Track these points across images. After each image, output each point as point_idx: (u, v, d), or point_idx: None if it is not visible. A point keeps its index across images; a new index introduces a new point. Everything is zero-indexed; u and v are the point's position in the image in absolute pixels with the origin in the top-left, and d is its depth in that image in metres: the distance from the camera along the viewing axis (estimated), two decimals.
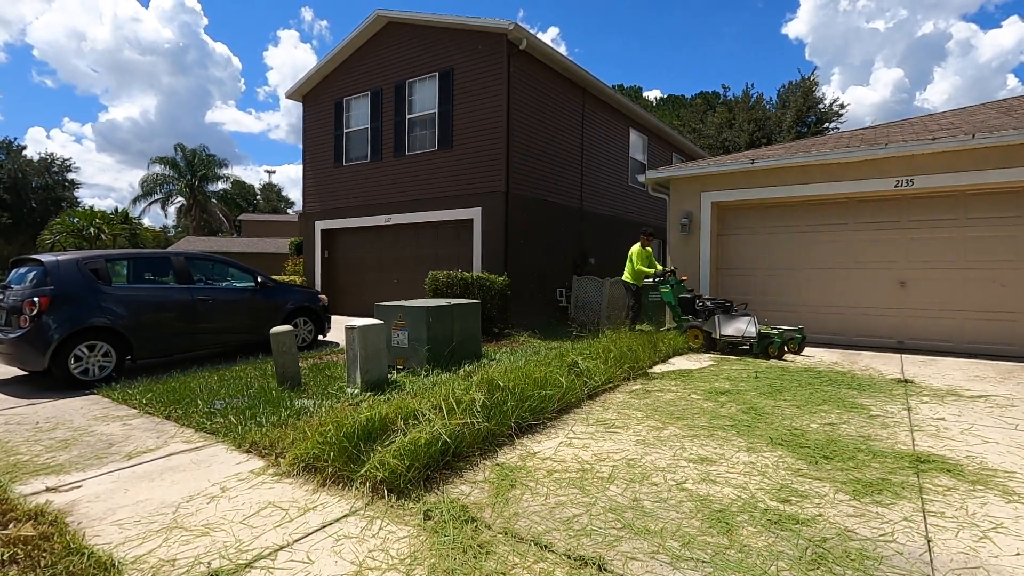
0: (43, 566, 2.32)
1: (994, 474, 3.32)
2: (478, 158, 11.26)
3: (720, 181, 9.16)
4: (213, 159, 38.60)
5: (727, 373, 6.27)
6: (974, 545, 2.53)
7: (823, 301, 8.68)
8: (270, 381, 5.76)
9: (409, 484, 3.10)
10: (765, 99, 33.67)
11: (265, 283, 7.96)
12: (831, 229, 8.60)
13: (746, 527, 2.68)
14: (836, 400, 5.05)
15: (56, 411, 4.98)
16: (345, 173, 13.71)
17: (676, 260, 9.55)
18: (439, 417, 3.72)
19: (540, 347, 8.07)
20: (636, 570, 2.33)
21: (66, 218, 31.27)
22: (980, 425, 4.31)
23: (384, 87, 12.77)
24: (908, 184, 7.68)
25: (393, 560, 2.42)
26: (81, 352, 6.03)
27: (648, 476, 3.32)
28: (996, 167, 7.12)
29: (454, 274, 9.34)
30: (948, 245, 7.78)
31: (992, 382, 5.83)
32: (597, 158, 14.07)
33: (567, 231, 12.91)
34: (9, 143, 43.16)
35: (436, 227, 12.25)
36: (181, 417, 4.59)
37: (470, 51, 11.28)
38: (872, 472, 3.36)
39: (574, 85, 12.95)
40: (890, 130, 9.34)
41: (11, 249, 39.56)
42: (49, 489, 3.21)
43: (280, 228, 35.71)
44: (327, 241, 14.40)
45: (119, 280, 6.78)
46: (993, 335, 7.48)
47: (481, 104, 11.16)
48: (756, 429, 4.18)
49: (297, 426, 3.97)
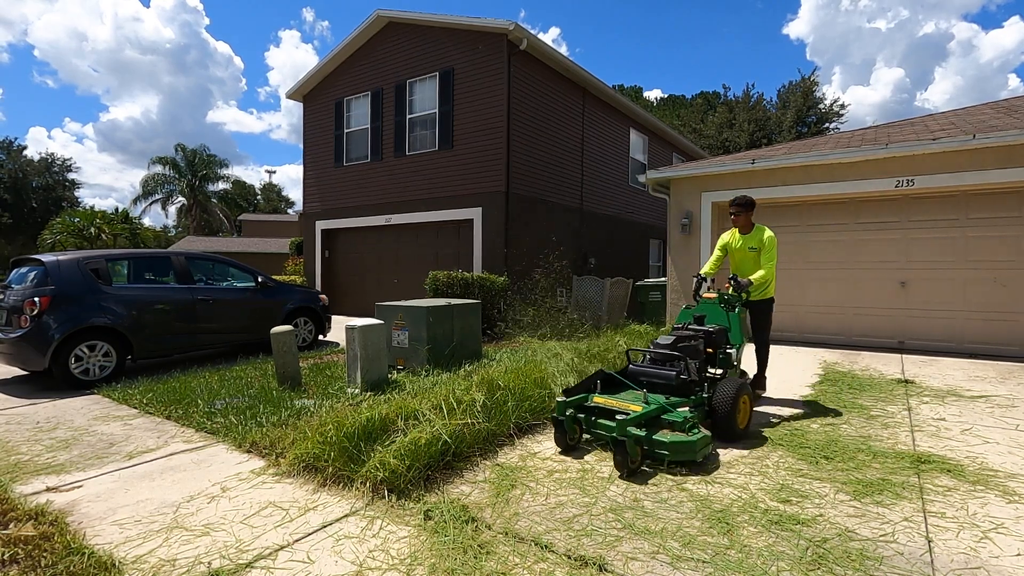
0: (43, 566, 2.32)
1: (995, 474, 3.32)
2: (478, 158, 11.26)
3: (720, 181, 9.16)
4: (214, 159, 38.64)
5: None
6: (975, 545, 2.53)
7: (823, 301, 8.67)
8: (270, 381, 5.76)
9: (409, 484, 3.10)
10: (765, 99, 33.71)
11: (265, 283, 7.97)
12: (831, 229, 8.59)
13: (746, 527, 2.68)
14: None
15: (57, 411, 4.98)
16: (346, 173, 13.71)
17: (676, 260, 9.55)
18: (439, 417, 3.72)
19: (540, 347, 8.07)
20: (637, 570, 2.33)
21: (66, 218, 31.27)
22: (981, 425, 4.31)
23: (384, 87, 12.77)
24: (909, 184, 7.67)
25: (393, 560, 2.42)
26: (81, 352, 6.04)
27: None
28: (997, 167, 7.11)
29: (454, 274, 9.34)
30: (949, 245, 7.77)
31: (992, 382, 5.82)
32: (597, 158, 14.07)
33: (567, 231, 12.91)
34: (10, 143, 43.18)
35: (436, 227, 12.25)
36: (181, 417, 4.60)
37: (470, 51, 11.28)
38: (872, 472, 3.35)
39: (575, 85, 12.95)
40: (891, 130, 9.34)
41: (11, 249, 39.60)
42: (49, 489, 3.21)
43: (280, 228, 35.71)
44: (327, 241, 14.40)
45: (119, 280, 6.78)
46: (994, 335, 7.47)
47: (481, 104, 11.16)
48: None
49: (297, 426, 3.96)
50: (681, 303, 9.30)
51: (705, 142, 32.56)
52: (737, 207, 5.05)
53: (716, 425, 3.83)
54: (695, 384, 4.02)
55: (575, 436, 3.78)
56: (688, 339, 4.22)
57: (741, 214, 5.04)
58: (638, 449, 3.34)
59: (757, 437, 4.01)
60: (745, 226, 5.08)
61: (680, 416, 3.55)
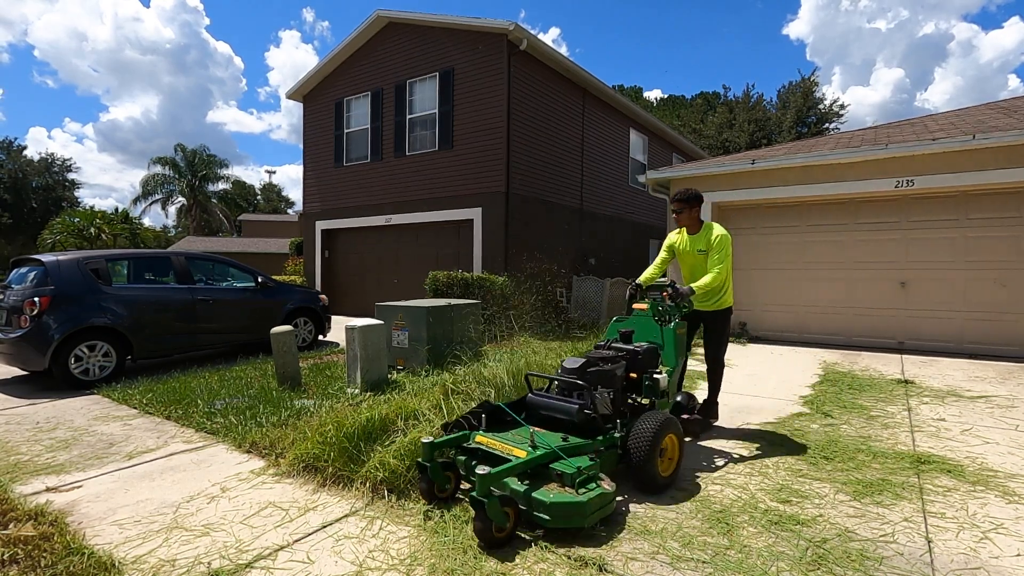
0: (43, 566, 2.32)
1: (995, 475, 3.32)
2: (478, 158, 11.26)
3: (720, 181, 9.16)
4: (213, 159, 38.63)
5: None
6: (974, 546, 2.53)
7: (823, 301, 8.67)
8: (270, 381, 5.76)
9: (409, 484, 3.09)
10: (765, 99, 33.71)
11: (265, 283, 7.97)
12: (831, 229, 8.59)
13: (746, 527, 2.68)
14: None
15: (56, 411, 4.98)
16: (346, 173, 13.71)
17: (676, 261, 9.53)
18: (439, 417, 3.72)
19: (540, 347, 8.06)
20: (636, 570, 2.33)
21: (66, 218, 31.26)
22: (980, 426, 4.31)
23: (384, 87, 12.77)
24: (909, 184, 7.67)
25: (393, 560, 2.42)
26: (81, 352, 6.04)
27: None
28: (997, 167, 7.11)
29: (454, 274, 9.34)
30: (948, 245, 7.77)
31: (992, 383, 5.82)
32: (597, 158, 14.07)
33: (567, 231, 12.91)
34: (10, 143, 43.17)
35: (436, 227, 12.25)
36: (181, 417, 4.60)
37: (470, 51, 11.28)
38: (872, 473, 3.35)
39: (575, 85, 12.95)
40: (891, 130, 9.34)
41: (11, 249, 39.58)
42: (49, 489, 3.21)
43: (280, 228, 35.72)
44: (327, 241, 14.40)
45: (119, 280, 6.78)
46: (993, 335, 7.47)
47: (481, 104, 11.16)
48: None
49: (297, 426, 3.96)
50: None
51: (705, 142, 32.56)
52: (678, 203, 4.16)
53: (631, 473, 3.01)
54: (607, 420, 3.15)
55: (447, 487, 2.93)
56: (604, 361, 3.34)
57: (684, 211, 4.16)
58: (507, 513, 2.50)
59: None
60: (691, 225, 4.21)
61: (571, 466, 2.68)
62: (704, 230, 4.14)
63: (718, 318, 4.21)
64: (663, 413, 3.13)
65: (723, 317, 4.22)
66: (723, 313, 4.21)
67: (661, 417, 3.04)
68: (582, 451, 2.89)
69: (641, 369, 3.48)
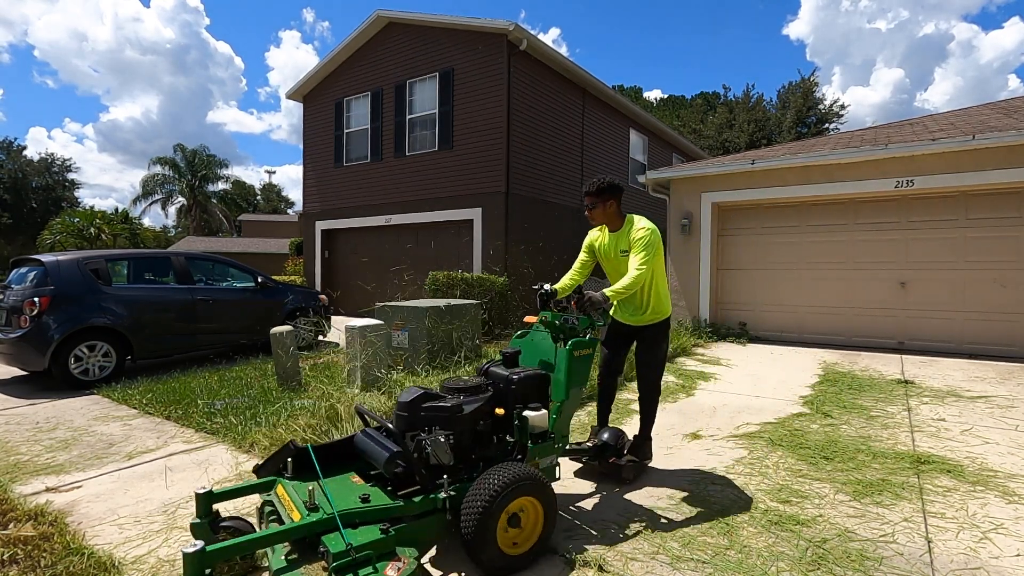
0: (43, 566, 2.32)
1: (994, 475, 3.32)
2: (478, 158, 11.26)
3: (720, 182, 9.16)
4: (213, 159, 38.62)
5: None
6: (974, 546, 2.53)
7: (822, 301, 8.67)
8: (270, 381, 5.76)
9: None
10: (765, 100, 33.72)
11: (265, 283, 7.97)
12: (831, 229, 8.59)
13: (746, 527, 2.68)
14: None
15: (56, 411, 4.98)
16: (345, 173, 13.72)
17: (676, 261, 9.55)
18: None
19: None
20: (636, 570, 2.33)
21: (66, 218, 31.28)
22: (980, 426, 4.31)
23: (384, 87, 12.77)
24: (908, 184, 7.68)
25: None
26: (81, 352, 6.03)
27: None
28: (996, 168, 7.12)
29: (454, 274, 9.34)
30: (948, 245, 7.77)
31: (992, 383, 5.82)
32: (597, 158, 14.07)
33: (567, 231, 12.90)
34: (10, 143, 43.17)
35: (436, 227, 12.25)
36: (181, 417, 4.59)
37: (470, 51, 11.28)
38: (872, 473, 3.35)
39: (574, 86, 12.95)
40: (890, 131, 9.34)
41: (11, 249, 39.56)
42: (49, 489, 3.21)
43: (280, 228, 35.71)
44: (327, 241, 14.40)
45: (119, 280, 6.78)
46: (993, 336, 7.47)
47: (481, 104, 11.16)
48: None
49: (297, 426, 3.96)
50: (681, 303, 9.31)
51: (705, 143, 32.56)
52: (587, 196, 3.28)
53: (463, 546, 2.24)
54: (442, 472, 2.33)
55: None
56: (456, 392, 2.62)
57: (596, 206, 3.26)
58: None
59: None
60: (610, 221, 3.31)
61: (341, 543, 1.90)
62: (627, 226, 3.25)
63: (654, 332, 3.35)
64: (517, 467, 2.31)
65: (658, 331, 3.36)
66: (658, 327, 3.35)
67: (512, 472, 2.26)
68: (383, 517, 2.12)
69: (513, 403, 2.63)
